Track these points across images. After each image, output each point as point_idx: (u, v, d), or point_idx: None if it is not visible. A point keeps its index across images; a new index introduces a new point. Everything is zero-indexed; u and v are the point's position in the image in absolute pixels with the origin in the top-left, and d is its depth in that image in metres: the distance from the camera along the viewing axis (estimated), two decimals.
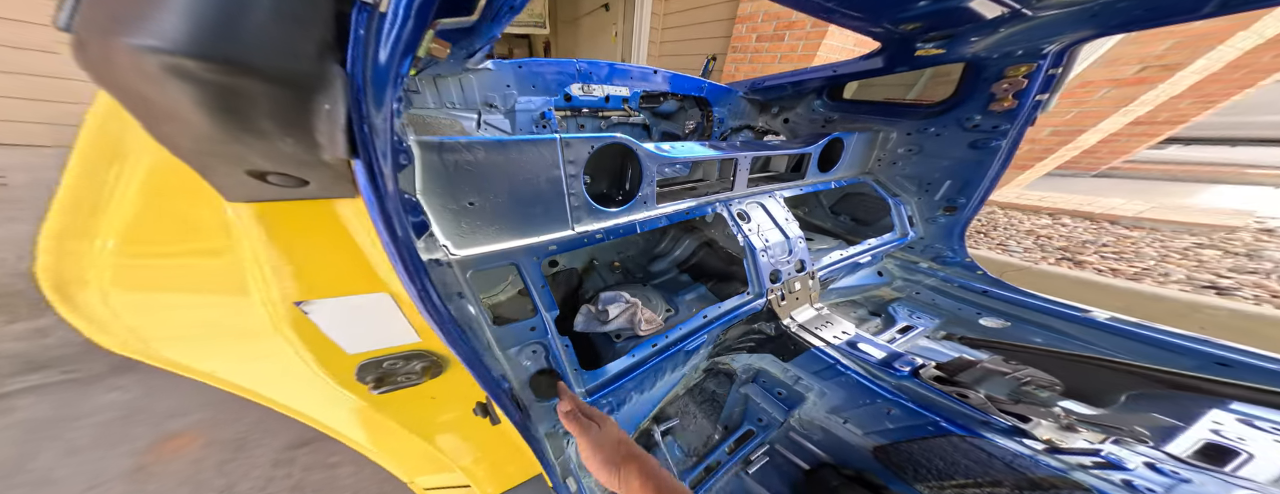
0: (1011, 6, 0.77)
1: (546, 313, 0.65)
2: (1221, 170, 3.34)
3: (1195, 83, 2.51)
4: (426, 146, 0.50)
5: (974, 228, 2.42)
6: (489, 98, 0.97)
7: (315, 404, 0.44)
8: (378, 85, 0.24)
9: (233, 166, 0.23)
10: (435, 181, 0.52)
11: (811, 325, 0.98)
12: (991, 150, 1.04)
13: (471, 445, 0.55)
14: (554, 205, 0.68)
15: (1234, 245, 1.89)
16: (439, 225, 0.55)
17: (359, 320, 0.35)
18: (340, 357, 0.37)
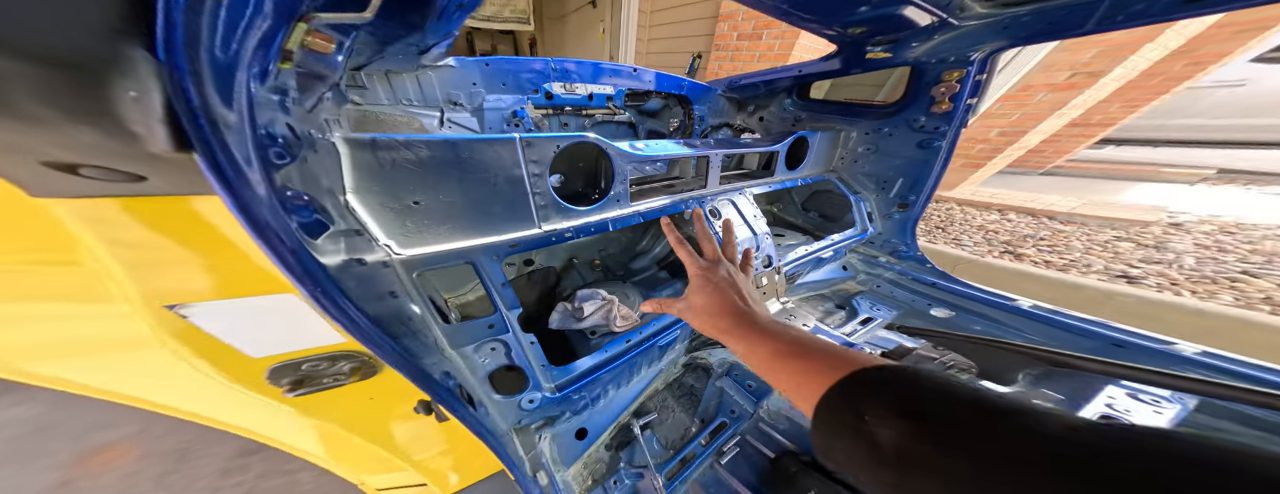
0: (939, 15, 0.84)
1: (507, 311, 0.66)
2: (1144, 169, 3.70)
3: (1119, 88, 2.81)
4: (357, 144, 0.48)
5: (934, 223, 2.60)
6: (453, 95, 0.95)
7: (233, 412, 0.42)
8: (220, 76, 0.23)
9: (19, 158, 0.20)
10: (371, 180, 0.51)
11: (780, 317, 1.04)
12: (935, 150, 1.13)
13: (424, 443, 0.54)
14: (516, 204, 0.68)
15: (1146, 238, 2.12)
16: (379, 225, 0.54)
17: (261, 323, 0.34)
18: (243, 361, 0.35)
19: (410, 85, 0.87)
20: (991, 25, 0.84)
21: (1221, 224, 2.25)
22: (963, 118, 1.04)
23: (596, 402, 0.88)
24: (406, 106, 0.90)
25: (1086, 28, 0.72)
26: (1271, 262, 1.79)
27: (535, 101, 1.11)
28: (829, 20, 0.93)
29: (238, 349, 0.35)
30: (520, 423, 0.69)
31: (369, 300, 0.45)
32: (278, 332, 0.35)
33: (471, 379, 0.62)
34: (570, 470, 0.83)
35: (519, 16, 4.31)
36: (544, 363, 0.70)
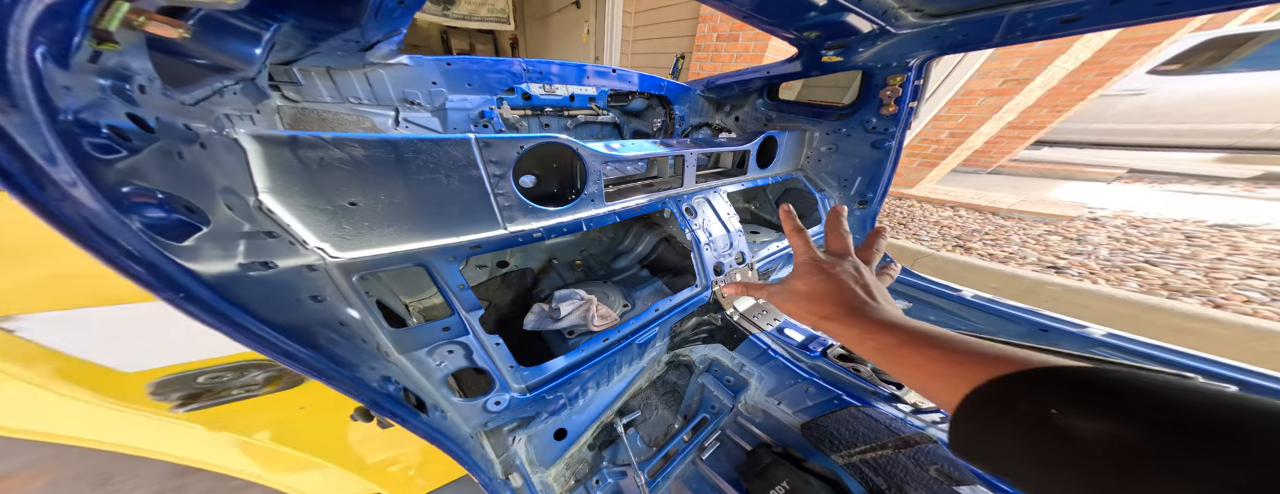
0: (879, 23, 0.90)
1: (466, 313, 0.65)
2: (1071, 168, 4.13)
3: (1044, 95, 3.21)
4: (271, 142, 0.45)
5: (897, 220, 2.77)
6: (409, 94, 0.92)
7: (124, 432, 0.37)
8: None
9: None
10: (291, 180, 0.48)
11: (750, 314, 1.09)
12: (887, 150, 1.21)
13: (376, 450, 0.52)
14: (476, 206, 0.67)
15: (1070, 232, 2.38)
16: (308, 227, 0.52)
17: (128, 334, 0.31)
18: (112, 377, 0.32)
19: (357, 83, 0.84)
20: (922, 35, 0.93)
21: (1130, 219, 2.56)
22: (907, 120, 1.13)
23: (575, 401, 0.88)
24: (355, 104, 0.86)
25: (993, 41, 0.82)
26: (1168, 252, 2.07)
27: (511, 102, 1.10)
28: (787, 24, 0.97)
29: (101, 364, 0.31)
30: (487, 425, 0.68)
31: (276, 307, 0.41)
32: (156, 343, 0.32)
33: (425, 383, 0.60)
34: (551, 472, 0.83)
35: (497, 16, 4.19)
36: (512, 364, 0.70)
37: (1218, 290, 1.66)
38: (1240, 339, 1.34)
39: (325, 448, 0.48)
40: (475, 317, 0.66)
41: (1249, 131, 4.25)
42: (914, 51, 0.97)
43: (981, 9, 0.80)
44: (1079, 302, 1.63)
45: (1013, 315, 1.05)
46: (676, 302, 0.98)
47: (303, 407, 0.43)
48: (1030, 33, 0.77)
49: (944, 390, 0.26)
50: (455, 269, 0.66)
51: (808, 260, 0.42)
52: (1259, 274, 1.78)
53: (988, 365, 0.25)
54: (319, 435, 0.47)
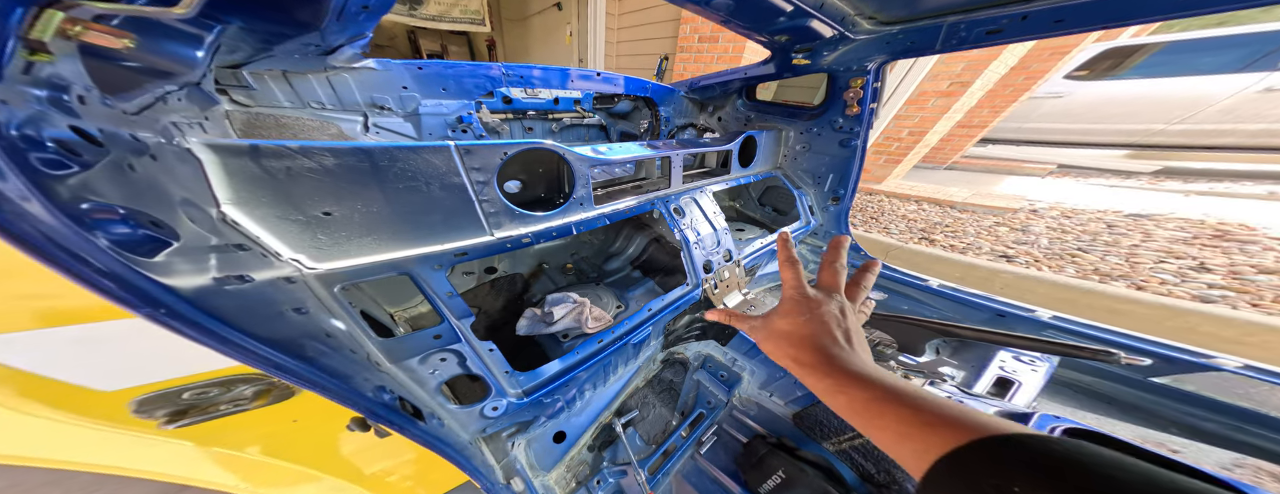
0: (839, 29, 0.99)
1: (457, 320, 0.65)
2: (1012, 164, 4.56)
3: (984, 97, 3.57)
4: (229, 151, 0.43)
5: (869, 214, 2.94)
6: (378, 99, 0.90)
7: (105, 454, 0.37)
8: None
9: None
10: (257, 191, 0.47)
11: (740, 309, 1.12)
12: (853, 149, 1.30)
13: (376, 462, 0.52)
14: (460, 213, 0.66)
15: (1015, 223, 2.62)
16: (280, 238, 0.50)
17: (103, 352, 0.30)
18: (90, 397, 0.31)
19: (319, 87, 0.81)
20: (877, 40, 1.02)
21: (1063, 210, 2.87)
22: (869, 120, 1.23)
23: (573, 404, 0.88)
24: (317, 110, 0.82)
25: (935, 47, 0.93)
26: (1095, 240, 2.33)
27: (491, 105, 1.08)
28: (760, 28, 1.03)
29: (77, 384, 0.31)
30: (485, 431, 0.68)
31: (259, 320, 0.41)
32: (134, 360, 0.32)
33: (420, 392, 0.60)
34: (552, 475, 0.83)
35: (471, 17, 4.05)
36: (507, 369, 0.70)
37: (1137, 274, 1.90)
38: (1160, 318, 1.54)
39: (321, 460, 0.47)
40: (466, 323, 0.65)
41: (1146, 131, 4.87)
42: (871, 56, 1.06)
43: (924, 19, 0.91)
44: (1028, 288, 1.81)
45: (973, 302, 1.16)
46: (669, 300, 1.00)
47: (295, 419, 0.42)
48: (964, 41, 0.87)
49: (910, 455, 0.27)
50: (442, 277, 0.66)
51: (795, 296, 0.41)
52: (1169, 258, 2.05)
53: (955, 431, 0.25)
54: (314, 448, 0.46)
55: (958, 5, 0.83)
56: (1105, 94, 4.93)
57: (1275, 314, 1.50)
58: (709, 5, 0.92)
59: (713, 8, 0.93)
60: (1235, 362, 0.83)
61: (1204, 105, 4.62)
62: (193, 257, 0.38)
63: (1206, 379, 0.87)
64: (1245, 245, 2.14)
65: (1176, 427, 0.90)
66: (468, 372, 0.65)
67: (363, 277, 0.57)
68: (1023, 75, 3.61)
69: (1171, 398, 0.91)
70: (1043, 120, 5.30)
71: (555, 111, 1.26)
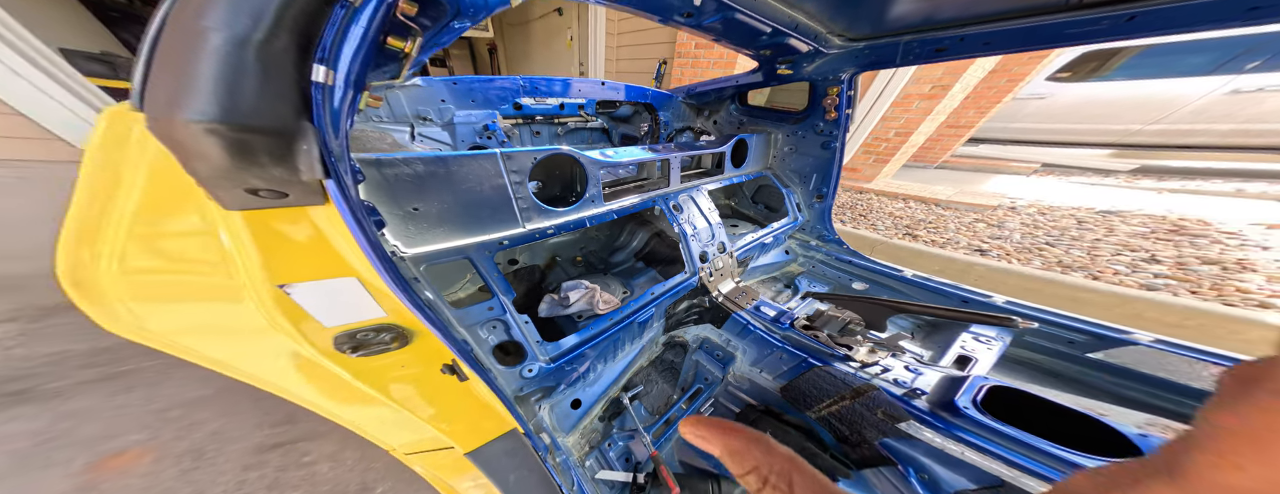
0: (813, 45, 1.13)
1: (503, 296, 0.80)
2: (999, 163, 4.74)
3: (967, 98, 3.77)
4: (365, 163, 0.61)
5: (858, 212, 3.09)
6: (422, 111, 1.05)
7: (302, 381, 0.54)
8: (335, 129, 0.38)
9: (235, 186, 0.34)
10: (377, 192, 0.63)
11: (732, 296, 1.26)
12: (833, 151, 1.45)
13: (446, 407, 0.64)
14: (502, 208, 0.82)
15: (992, 220, 2.78)
16: (388, 229, 0.65)
17: (332, 300, 0.46)
18: (319, 329, 0.47)
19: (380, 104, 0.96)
20: (847, 55, 1.17)
21: (1040, 207, 3.04)
22: (845, 124, 1.38)
23: (587, 375, 1.02)
24: (377, 123, 0.95)
25: (896, 62, 1.08)
26: (1063, 235, 2.51)
27: (504, 112, 1.22)
28: (747, 44, 1.18)
29: (317, 318, 0.46)
30: (521, 391, 0.83)
31: (408, 279, 0.57)
32: (340, 306, 0.47)
33: (480, 352, 0.76)
34: (569, 438, 0.96)
35: None
36: (538, 339, 0.85)
37: (1096, 266, 2.06)
38: (1111, 304, 1.70)
39: (415, 402, 0.61)
40: (509, 299, 0.81)
41: (1125, 131, 5.07)
42: (843, 67, 1.21)
43: (884, 37, 1.06)
44: (998, 279, 1.97)
45: (943, 290, 1.30)
46: (669, 286, 1.13)
47: (404, 365, 0.56)
48: (918, 57, 1.02)
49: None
50: (491, 261, 0.81)
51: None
52: (1125, 251, 2.22)
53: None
54: (412, 390, 0.60)
55: (910, 27, 0.99)
56: (1086, 95, 5.12)
57: (1210, 301, 1.66)
58: (701, 27, 1.05)
59: (705, 29, 1.06)
60: (1149, 337, 0.99)
61: (1177, 106, 4.83)
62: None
63: (1132, 353, 1.02)
64: (1196, 239, 2.33)
65: (1108, 395, 1.05)
66: (511, 339, 0.81)
67: (439, 260, 0.73)
68: (1005, 78, 3.81)
69: (1103, 370, 1.06)
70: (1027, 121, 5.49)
71: (561, 116, 1.40)
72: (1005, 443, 0.73)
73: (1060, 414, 0.77)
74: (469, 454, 0.70)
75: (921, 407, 0.85)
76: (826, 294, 1.27)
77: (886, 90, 3.00)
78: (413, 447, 0.70)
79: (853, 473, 0.89)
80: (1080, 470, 0.17)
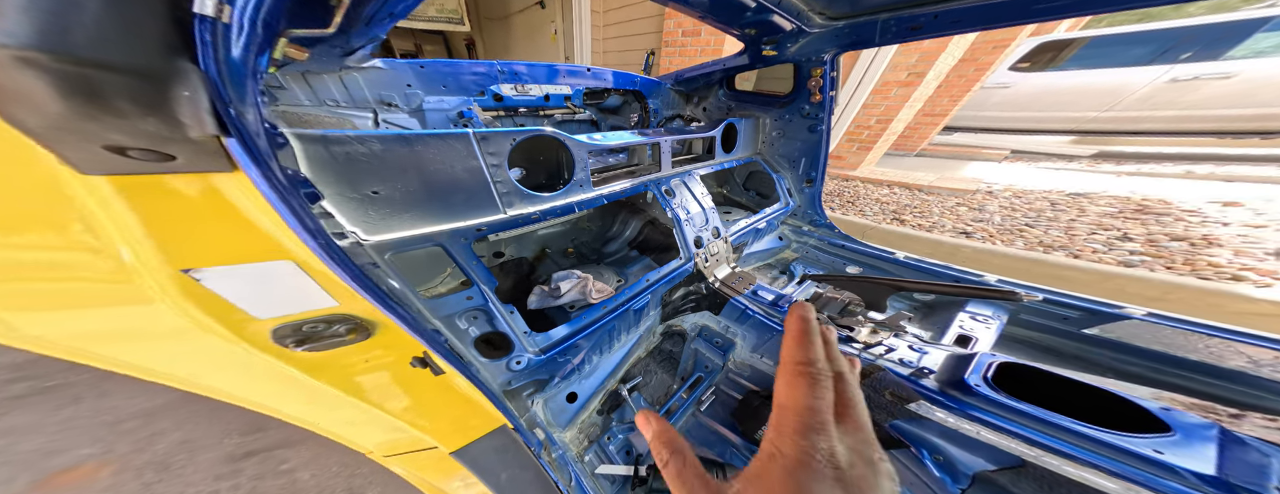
0: (796, 23, 1.08)
1: (483, 285, 0.72)
2: (973, 150, 4.82)
3: (941, 86, 3.76)
4: (307, 139, 0.52)
5: (846, 199, 3.07)
6: (385, 96, 0.95)
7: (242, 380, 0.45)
8: (236, 78, 0.30)
9: (88, 142, 0.25)
10: (325, 172, 0.55)
11: (729, 281, 1.20)
12: (820, 134, 1.40)
13: (425, 404, 0.58)
14: (479, 193, 0.74)
15: (973, 204, 2.80)
16: (342, 214, 0.57)
17: (263, 287, 0.38)
18: (250, 322, 0.38)
19: (333, 86, 0.85)
20: (828, 34, 1.12)
21: (1014, 191, 3.09)
22: (830, 106, 1.33)
23: (582, 367, 0.95)
24: (332, 107, 0.87)
25: (875, 41, 1.04)
26: (1040, 216, 2.54)
27: (482, 104, 1.12)
28: (732, 22, 1.12)
29: (245, 310, 0.38)
30: (510, 385, 0.76)
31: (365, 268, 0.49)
32: (276, 295, 0.39)
33: (459, 344, 0.68)
34: (567, 433, 0.88)
35: (448, 16, 3.92)
36: (526, 329, 0.78)
37: (1074, 245, 2.09)
38: (1094, 281, 1.71)
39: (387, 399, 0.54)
40: (491, 289, 0.73)
41: (1081, 118, 5.24)
42: (825, 47, 1.16)
43: (862, 15, 1.03)
44: (985, 260, 1.97)
45: (936, 270, 1.27)
46: (664, 272, 1.07)
47: (367, 359, 0.48)
48: (895, 36, 1.00)
49: None
50: (468, 248, 0.73)
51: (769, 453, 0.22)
52: (1099, 230, 2.26)
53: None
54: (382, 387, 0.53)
55: (886, 5, 0.96)
56: (1045, 85, 5.26)
57: (1186, 275, 1.69)
58: (688, 4, 0.99)
59: (692, 5, 1.01)
60: (1141, 310, 0.96)
61: (1125, 94, 5.00)
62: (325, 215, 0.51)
63: (1127, 328, 0.99)
64: (1161, 217, 2.39)
65: (1110, 371, 1.03)
66: (496, 330, 0.73)
67: (406, 248, 0.64)
68: (973, 67, 3.85)
69: (1101, 346, 1.04)
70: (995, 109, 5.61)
71: (546, 108, 1.31)
72: (1023, 421, 0.68)
73: (1074, 389, 0.72)
74: (454, 453, 0.63)
75: (930, 386, 0.80)
76: (824, 275, 1.22)
77: (866, 77, 2.98)
78: (391, 448, 0.63)
79: None
80: None
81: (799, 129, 1.44)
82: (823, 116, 1.35)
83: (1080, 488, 0.61)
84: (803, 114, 1.39)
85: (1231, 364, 0.89)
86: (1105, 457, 0.61)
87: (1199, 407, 0.87)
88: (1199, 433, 0.61)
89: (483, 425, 0.64)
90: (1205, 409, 0.86)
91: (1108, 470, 0.60)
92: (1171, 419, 0.63)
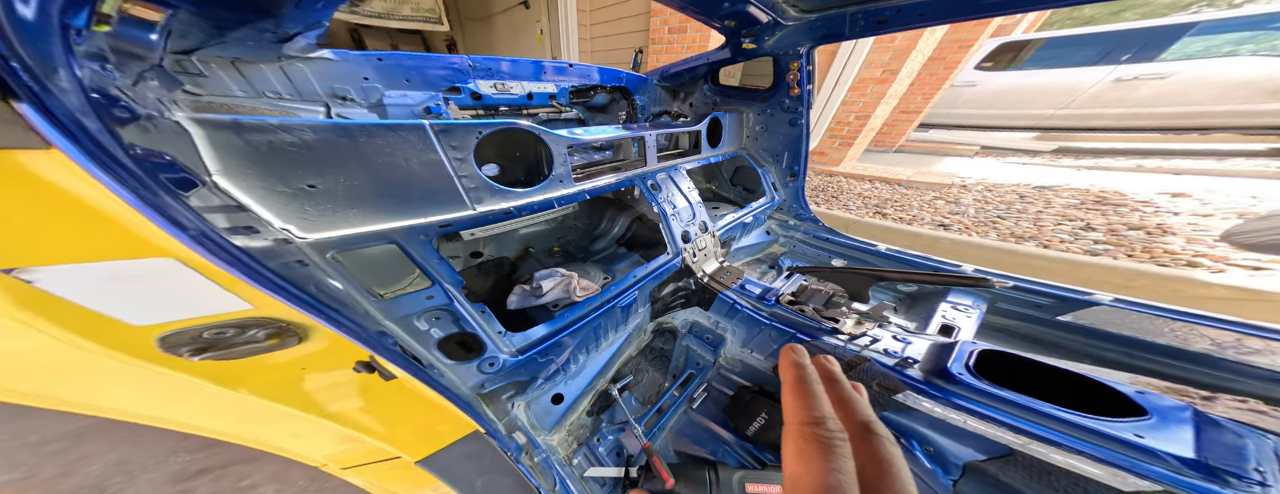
0: (772, 15, 1.07)
1: (446, 283, 0.67)
2: (946, 146, 4.95)
3: (914, 84, 3.83)
4: (211, 124, 0.45)
5: (830, 194, 3.09)
6: (339, 90, 0.86)
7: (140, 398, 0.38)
8: (30, 31, 0.24)
9: None
10: (244, 164, 0.48)
11: (717, 275, 1.17)
12: (800, 128, 1.39)
13: (381, 412, 0.53)
14: (440, 188, 0.68)
15: (949, 197, 2.86)
16: (269, 209, 0.51)
17: (137, 288, 0.32)
18: (123, 329, 0.32)
19: (273, 77, 0.77)
20: (802, 27, 1.11)
21: (986, 185, 3.17)
22: (808, 100, 1.33)
23: (567, 367, 0.90)
24: (273, 99, 0.78)
25: (845, 34, 1.04)
26: (1010, 209, 2.62)
27: (459, 102, 1.05)
28: (711, 13, 1.10)
29: (112, 317, 0.31)
30: (485, 387, 0.71)
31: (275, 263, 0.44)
32: (156, 298, 0.33)
33: (419, 347, 0.63)
34: (554, 436, 0.84)
35: (425, 15, 3.70)
36: (499, 329, 0.72)
37: (1043, 235, 2.15)
38: (1062, 270, 1.77)
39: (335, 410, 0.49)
40: (457, 288, 0.67)
41: (1041, 115, 5.46)
42: (800, 40, 1.15)
43: (832, 8, 1.03)
44: (962, 251, 2.01)
45: (916, 261, 1.27)
46: (651, 267, 1.03)
47: (304, 367, 0.43)
48: (863, 29, 1.00)
49: None
50: (429, 246, 0.67)
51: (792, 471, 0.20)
52: (1064, 221, 2.34)
53: None
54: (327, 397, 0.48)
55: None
56: (1007, 83, 5.46)
57: (1145, 262, 1.75)
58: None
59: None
60: (1109, 297, 0.98)
61: (1077, 93, 5.24)
62: (212, 205, 0.42)
63: (1096, 314, 1.01)
64: (1118, 208, 2.49)
65: (1086, 357, 1.05)
66: (462, 331, 0.67)
67: (353, 246, 0.57)
68: (942, 65, 3.95)
69: (1076, 332, 1.05)
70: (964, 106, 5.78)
71: (530, 107, 1.24)
72: (1008, 408, 0.68)
73: (1052, 375, 0.72)
74: (421, 462, 0.58)
75: (915, 376, 0.79)
76: (809, 268, 1.20)
77: (843, 74, 3.01)
78: (347, 459, 0.57)
79: None
80: None
81: (780, 123, 1.43)
82: (801, 110, 1.34)
83: (1067, 475, 0.61)
84: (783, 108, 1.38)
85: (1197, 347, 0.91)
86: (1088, 442, 0.61)
87: (1172, 389, 0.89)
88: (1174, 415, 0.61)
89: (452, 432, 0.59)
90: (1178, 392, 0.88)
91: (1092, 456, 0.59)
92: (1146, 402, 0.63)
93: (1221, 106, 4.83)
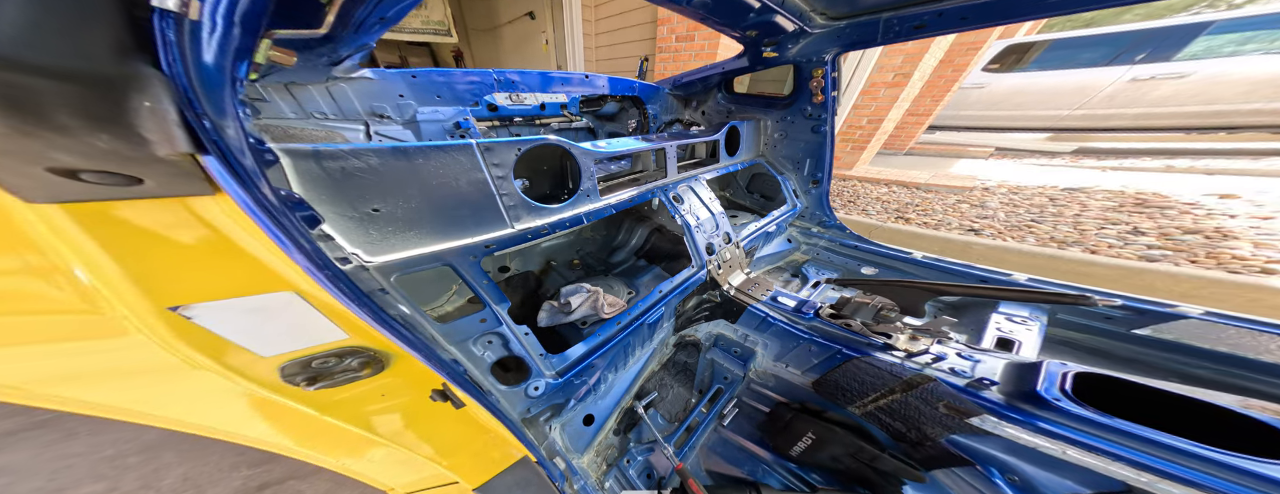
0: (799, 24, 1.02)
1: (496, 306, 0.65)
2: (959, 148, 4.76)
3: (924, 87, 3.71)
4: (298, 154, 0.45)
5: (846, 199, 2.96)
6: (377, 108, 0.87)
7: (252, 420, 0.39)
8: (210, 86, 0.24)
9: (28, 164, 0.20)
10: (320, 190, 0.48)
11: (744, 288, 1.08)
12: (824, 134, 1.32)
13: (445, 438, 0.52)
14: (484, 207, 0.67)
15: (973, 200, 2.69)
16: (341, 234, 0.50)
17: (265, 321, 0.32)
18: (254, 361, 0.33)
19: (320, 98, 0.78)
20: (830, 34, 1.06)
21: (1009, 187, 2.97)
22: (833, 106, 1.26)
23: (598, 387, 0.84)
24: (320, 120, 0.79)
25: (877, 40, 0.99)
26: (1042, 212, 2.42)
27: (476, 114, 1.05)
28: (733, 24, 1.05)
29: (247, 348, 0.32)
30: (529, 412, 0.67)
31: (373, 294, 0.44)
32: (280, 330, 0.34)
33: (476, 372, 0.60)
34: (584, 458, 0.77)
35: (434, 28, 3.83)
36: (542, 351, 0.69)
37: (1087, 240, 1.96)
38: (1119, 277, 1.59)
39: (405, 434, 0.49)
40: (504, 309, 0.65)
41: (1055, 116, 5.21)
42: (826, 47, 1.09)
43: (865, 15, 0.98)
44: (999, 257, 1.85)
45: (957, 270, 1.15)
46: (677, 282, 0.96)
47: (384, 394, 0.43)
48: (898, 34, 0.94)
49: None
50: (478, 267, 0.64)
51: None
52: (1108, 225, 2.13)
53: None
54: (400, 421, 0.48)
55: (890, 4, 0.90)
56: (1016, 85, 5.27)
57: (1214, 269, 1.56)
58: (690, 5, 0.93)
59: (693, 7, 0.95)
60: (1198, 309, 0.84)
61: (1092, 94, 5.00)
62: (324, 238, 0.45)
63: (1181, 327, 0.86)
64: (1164, 210, 2.27)
65: (1173, 375, 0.89)
66: (512, 354, 0.65)
67: (412, 268, 0.57)
68: (951, 68, 3.83)
69: (1157, 347, 0.90)
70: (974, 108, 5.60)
71: (542, 117, 1.23)
72: (1118, 438, 0.56)
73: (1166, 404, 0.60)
74: (476, 490, 0.57)
75: (995, 398, 0.67)
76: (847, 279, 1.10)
77: (854, 79, 2.93)
78: (413, 486, 0.56)
79: (924, 474, 0.71)
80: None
81: (802, 130, 1.36)
82: (826, 117, 1.27)
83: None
84: (805, 115, 1.31)
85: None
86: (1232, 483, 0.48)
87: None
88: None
89: (503, 458, 0.57)
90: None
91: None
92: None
93: (1249, 105, 4.52)
